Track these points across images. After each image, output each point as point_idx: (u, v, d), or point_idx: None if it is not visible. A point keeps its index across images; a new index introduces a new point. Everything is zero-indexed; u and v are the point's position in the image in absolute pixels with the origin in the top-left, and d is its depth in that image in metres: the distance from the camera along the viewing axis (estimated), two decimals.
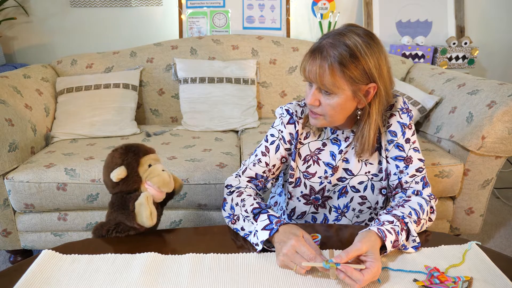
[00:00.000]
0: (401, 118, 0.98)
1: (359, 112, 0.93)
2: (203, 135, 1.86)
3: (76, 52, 2.32)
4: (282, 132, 1.03)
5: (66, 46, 2.47)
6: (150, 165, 0.92)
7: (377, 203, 1.05)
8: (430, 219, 0.95)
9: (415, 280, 0.75)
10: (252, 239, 0.88)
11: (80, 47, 2.46)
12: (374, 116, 0.92)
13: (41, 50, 2.48)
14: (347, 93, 0.87)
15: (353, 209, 1.06)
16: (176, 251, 0.85)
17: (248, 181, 1.04)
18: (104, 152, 1.58)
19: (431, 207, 0.95)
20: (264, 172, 1.03)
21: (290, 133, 1.03)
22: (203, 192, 1.46)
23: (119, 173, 0.88)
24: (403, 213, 0.88)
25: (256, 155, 1.05)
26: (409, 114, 0.99)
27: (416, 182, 0.97)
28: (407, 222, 0.86)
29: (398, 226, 0.84)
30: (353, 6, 2.54)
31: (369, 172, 1.01)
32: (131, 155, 0.91)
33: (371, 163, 1.01)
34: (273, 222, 0.86)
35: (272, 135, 1.04)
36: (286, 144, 1.03)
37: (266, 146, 1.04)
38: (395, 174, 0.99)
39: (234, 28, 2.42)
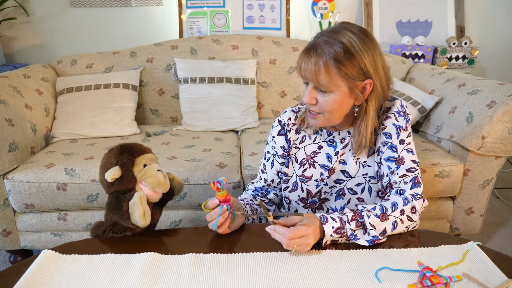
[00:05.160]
0: (397, 121, 0.96)
1: (356, 109, 0.93)
2: (203, 135, 1.86)
3: (76, 52, 2.31)
4: (274, 148, 1.08)
5: (66, 46, 2.47)
6: (145, 165, 0.92)
7: None
8: (410, 219, 0.91)
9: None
10: None
11: (80, 47, 2.46)
12: (371, 113, 0.93)
13: (41, 50, 2.48)
14: (343, 90, 0.88)
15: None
16: (176, 251, 0.85)
17: (252, 191, 1.14)
18: (104, 152, 1.57)
19: (413, 207, 0.91)
20: (263, 187, 1.13)
21: (282, 146, 1.06)
22: (203, 192, 1.46)
23: (113, 173, 0.89)
24: (364, 207, 0.90)
25: (259, 173, 1.15)
26: (406, 117, 0.97)
27: (405, 182, 0.95)
28: (363, 215, 0.88)
29: (347, 216, 0.87)
30: (353, 6, 2.54)
31: (366, 174, 1.01)
32: (125, 155, 0.91)
33: (368, 165, 1.00)
34: None
35: (268, 152, 1.11)
36: (280, 158, 1.07)
37: (264, 164, 1.13)
38: (386, 175, 0.97)
39: (234, 28, 2.42)
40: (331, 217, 0.86)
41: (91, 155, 1.54)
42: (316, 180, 1.03)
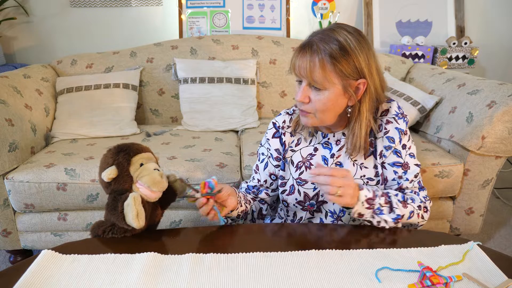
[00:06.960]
0: (398, 124, 0.98)
1: (349, 110, 0.93)
2: (203, 135, 1.86)
3: (76, 52, 2.31)
4: (269, 150, 1.08)
5: (66, 46, 2.47)
6: (142, 164, 0.92)
7: None
8: (422, 217, 0.97)
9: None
10: None
11: (80, 47, 2.46)
12: (365, 114, 0.93)
13: (41, 50, 2.48)
14: (337, 88, 0.88)
15: (349, 213, 1.06)
16: (176, 251, 0.85)
17: (245, 189, 1.15)
18: (103, 152, 1.57)
19: (425, 207, 0.97)
20: (255, 186, 1.13)
21: (276, 149, 1.07)
22: None
23: (109, 173, 0.89)
24: (389, 191, 0.95)
25: (252, 173, 1.15)
26: (405, 119, 0.99)
27: (414, 187, 1.01)
28: (390, 196, 0.92)
29: (378, 191, 0.91)
30: (353, 6, 2.54)
31: (364, 176, 1.01)
32: (122, 155, 0.91)
33: (366, 167, 1.00)
34: None
35: (262, 154, 1.11)
36: (274, 161, 1.08)
37: (257, 165, 1.13)
38: (393, 179, 1.00)
39: (234, 28, 2.42)
40: (366, 188, 0.90)
41: (91, 155, 1.54)
42: (313, 183, 1.03)
